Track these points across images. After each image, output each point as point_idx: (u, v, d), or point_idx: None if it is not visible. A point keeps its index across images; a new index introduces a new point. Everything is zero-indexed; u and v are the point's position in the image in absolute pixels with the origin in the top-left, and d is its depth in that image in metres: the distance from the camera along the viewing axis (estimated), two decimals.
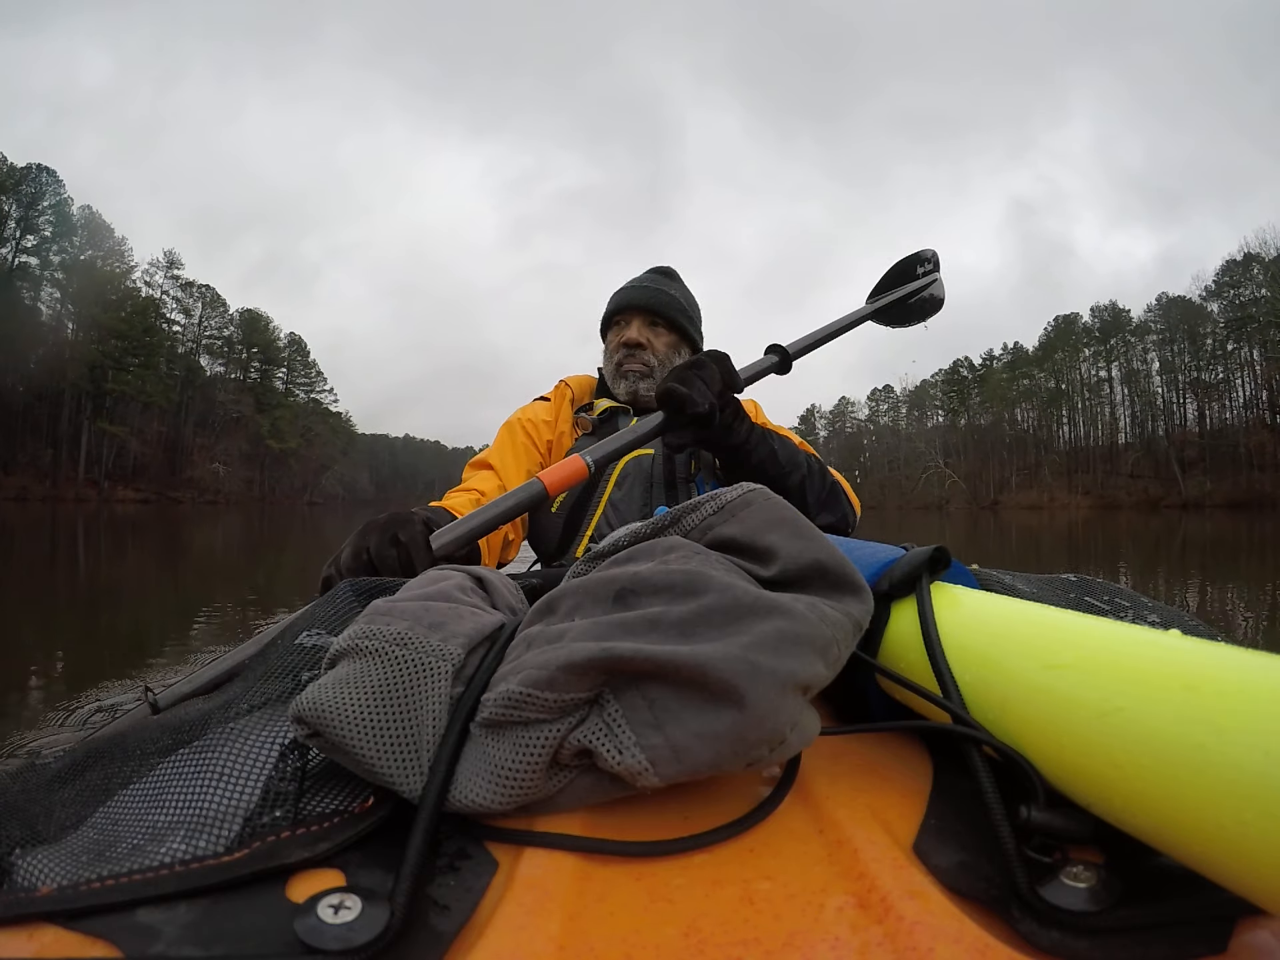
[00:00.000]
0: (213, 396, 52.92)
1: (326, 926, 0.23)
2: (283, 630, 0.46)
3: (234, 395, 54.20)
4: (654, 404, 1.23)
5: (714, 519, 0.39)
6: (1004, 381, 58.52)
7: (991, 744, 0.29)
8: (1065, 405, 56.73)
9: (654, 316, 1.25)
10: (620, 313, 1.26)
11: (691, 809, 0.32)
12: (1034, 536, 13.46)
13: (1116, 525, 18.58)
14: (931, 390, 64.17)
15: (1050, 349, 56.64)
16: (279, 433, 55.92)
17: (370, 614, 0.36)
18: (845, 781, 0.35)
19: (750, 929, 0.24)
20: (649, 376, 1.23)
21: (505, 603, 0.44)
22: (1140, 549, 9.76)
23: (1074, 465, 54.62)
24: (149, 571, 6.97)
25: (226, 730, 0.34)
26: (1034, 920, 0.24)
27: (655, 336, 1.25)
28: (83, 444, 44.30)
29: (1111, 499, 48.75)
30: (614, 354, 1.26)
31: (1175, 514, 30.14)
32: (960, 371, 62.47)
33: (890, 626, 0.40)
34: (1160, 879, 0.25)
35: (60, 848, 0.28)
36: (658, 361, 1.23)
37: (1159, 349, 51.84)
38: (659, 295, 1.25)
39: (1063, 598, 0.53)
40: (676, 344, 1.26)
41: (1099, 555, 8.64)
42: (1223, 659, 0.24)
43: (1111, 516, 28.07)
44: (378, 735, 0.30)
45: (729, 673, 0.28)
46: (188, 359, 52.62)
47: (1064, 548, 10.07)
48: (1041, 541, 11.85)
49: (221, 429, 53.42)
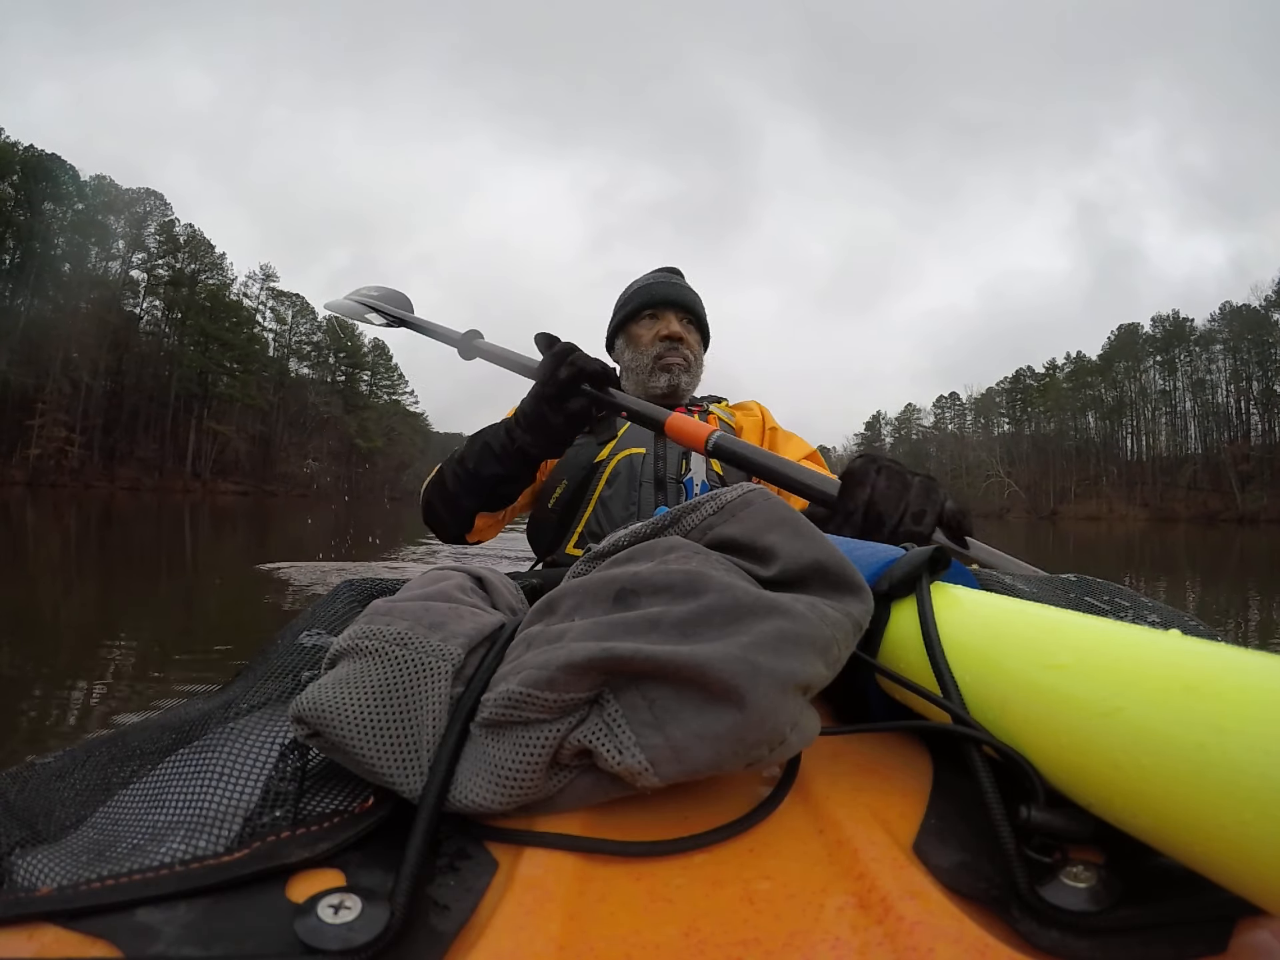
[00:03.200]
0: (304, 398, 56.55)
1: (326, 926, 0.23)
2: (283, 630, 0.46)
3: (325, 397, 58.96)
4: (683, 400, 1.24)
5: (714, 519, 0.39)
6: (1066, 391, 58.62)
7: (991, 744, 0.29)
8: (1126, 416, 56.80)
9: (687, 314, 1.26)
10: (653, 306, 1.26)
11: (691, 809, 0.32)
12: (1089, 548, 13.63)
13: (1173, 538, 18.71)
14: (997, 398, 64.55)
15: (1111, 359, 56.75)
16: (366, 432, 60.39)
17: (370, 614, 0.36)
18: (845, 781, 0.35)
19: (750, 929, 0.24)
20: (688, 370, 1.24)
21: (505, 603, 0.44)
22: (1195, 563, 9.86)
23: (1133, 477, 54.68)
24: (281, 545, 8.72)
25: (226, 730, 0.34)
26: (1034, 920, 0.24)
27: (688, 333, 1.26)
28: (190, 441, 49.50)
29: (1169, 512, 48.74)
30: (649, 347, 1.24)
31: (1231, 528, 30.44)
32: (1023, 380, 62.62)
33: (890, 626, 0.40)
34: (1160, 879, 0.25)
35: (60, 847, 0.28)
36: (694, 356, 1.25)
37: (1223, 358, 51.52)
38: (688, 293, 1.28)
39: (1063, 598, 0.53)
40: (700, 341, 1.28)
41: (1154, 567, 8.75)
42: (1223, 659, 0.24)
43: (1168, 529, 28.37)
44: (378, 735, 0.30)
45: (729, 673, 0.28)
46: (280, 363, 57.26)
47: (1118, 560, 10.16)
48: (1095, 552, 12.00)
49: (313, 428, 58.63)
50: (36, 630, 3.08)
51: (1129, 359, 56.17)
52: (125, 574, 5.44)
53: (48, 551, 6.85)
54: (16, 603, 3.78)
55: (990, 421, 65.63)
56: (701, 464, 1.17)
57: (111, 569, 5.72)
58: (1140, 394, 56.36)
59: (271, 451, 55.19)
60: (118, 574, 5.43)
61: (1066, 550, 12.50)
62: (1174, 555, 11.59)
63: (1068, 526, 31.42)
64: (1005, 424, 64.75)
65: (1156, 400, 55.60)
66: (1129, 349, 56.10)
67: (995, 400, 65.13)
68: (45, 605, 3.81)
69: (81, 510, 15.50)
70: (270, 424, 55.63)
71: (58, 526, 10.55)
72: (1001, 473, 60.28)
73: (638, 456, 1.16)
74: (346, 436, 60.19)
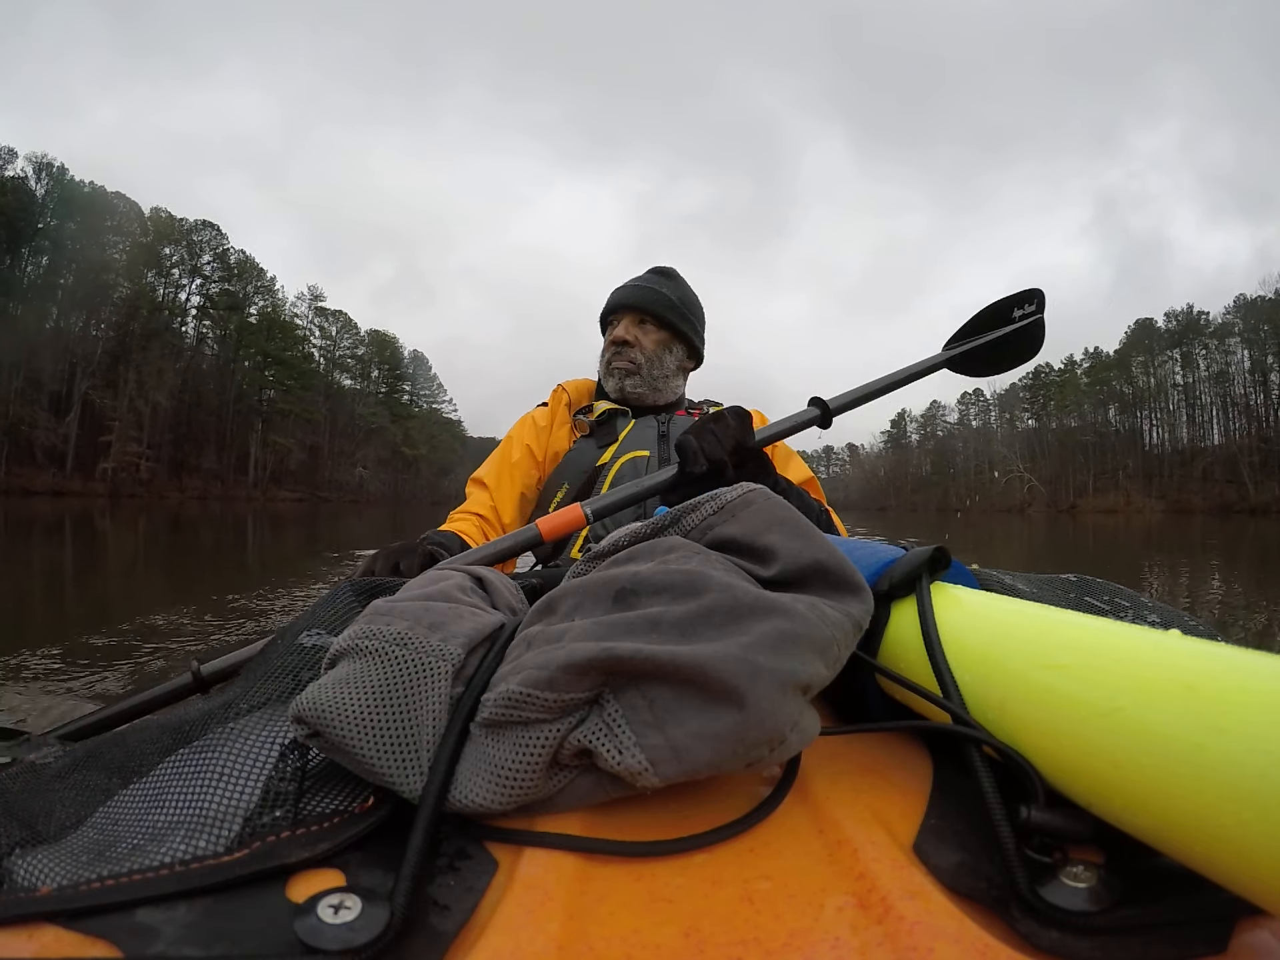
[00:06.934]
0: (351, 409, 62.87)
1: (326, 926, 0.23)
2: (283, 630, 0.46)
3: (373, 408, 63.22)
4: (645, 402, 1.26)
5: (714, 519, 0.39)
6: (1085, 387, 58.84)
7: (991, 744, 0.29)
8: (1141, 410, 56.97)
9: (642, 315, 1.27)
10: (613, 313, 1.30)
11: (691, 809, 0.32)
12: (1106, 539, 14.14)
13: (1187, 529, 19.14)
14: (1021, 393, 64.81)
15: (1126, 354, 56.99)
16: (410, 440, 64.26)
17: (370, 614, 0.36)
18: (845, 781, 0.35)
19: (750, 929, 0.24)
20: (635, 374, 1.26)
21: (505, 603, 0.44)
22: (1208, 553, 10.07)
23: (1150, 469, 54.73)
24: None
25: (226, 730, 0.34)
26: (1034, 920, 0.24)
27: (644, 334, 1.27)
28: (251, 453, 54.50)
29: (1185, 503, 48.88)
30: (605, 352, 1.29)
31: (1245, 519, 30.84)
32: (1043, 376, 62.99)
33: (890, 626, 0.40)
34: (1160, 879, 0.25)
35: (60, 848, 0.28)
36: (644, 359, 1.26)
37: (1240, 349, 51.51)
38: (647, 294, 1.28)
39: (1063, 598, 0.53)
40: (666, 341, 1.28)
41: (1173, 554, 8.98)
42: (1223, 659, 0.24)
43: (1182, 521, 28.70)
44: (378, 735, 0.30)
45: (729, 673, 0.28)
46: (325, 376, 61.60)
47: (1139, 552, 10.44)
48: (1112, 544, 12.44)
49: (362, 437, 63.41)
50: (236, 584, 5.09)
51: (1144, 354, 56.29)
52: (279, 559, 8.06)
53: (210, 548, 9.69)
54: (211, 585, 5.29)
55: (1014, 417, 65.77)
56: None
57: (267, 560, 8.08)
58: (1157, 388, 56.45)
59: (321, 460, 59.65)
60: (276, 560, 7.82)
61: (1086, 543, 12.80)
62: (1189, 545, 11.83)
63: (1086, 520, 31.90)
64: (1029, 419, 64.97)
65: (1173, 393, 55.71)
66: (1144, 344, 56.21)
67: (1019, 395, 65.23)
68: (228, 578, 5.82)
69: (168, 517, 18.85)
70: (320, 434, 60.13)
71: (202, 532, 13.52)
72: (1020, 468, 60.42)
73: (641, 460, 1.16)
74: (393, 444, 64.84)
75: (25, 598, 4.63)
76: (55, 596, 4.88)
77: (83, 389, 44.70)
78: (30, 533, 11.20)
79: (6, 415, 40.33)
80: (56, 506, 23.00)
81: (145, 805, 0.30)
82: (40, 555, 7.89)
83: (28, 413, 41.49)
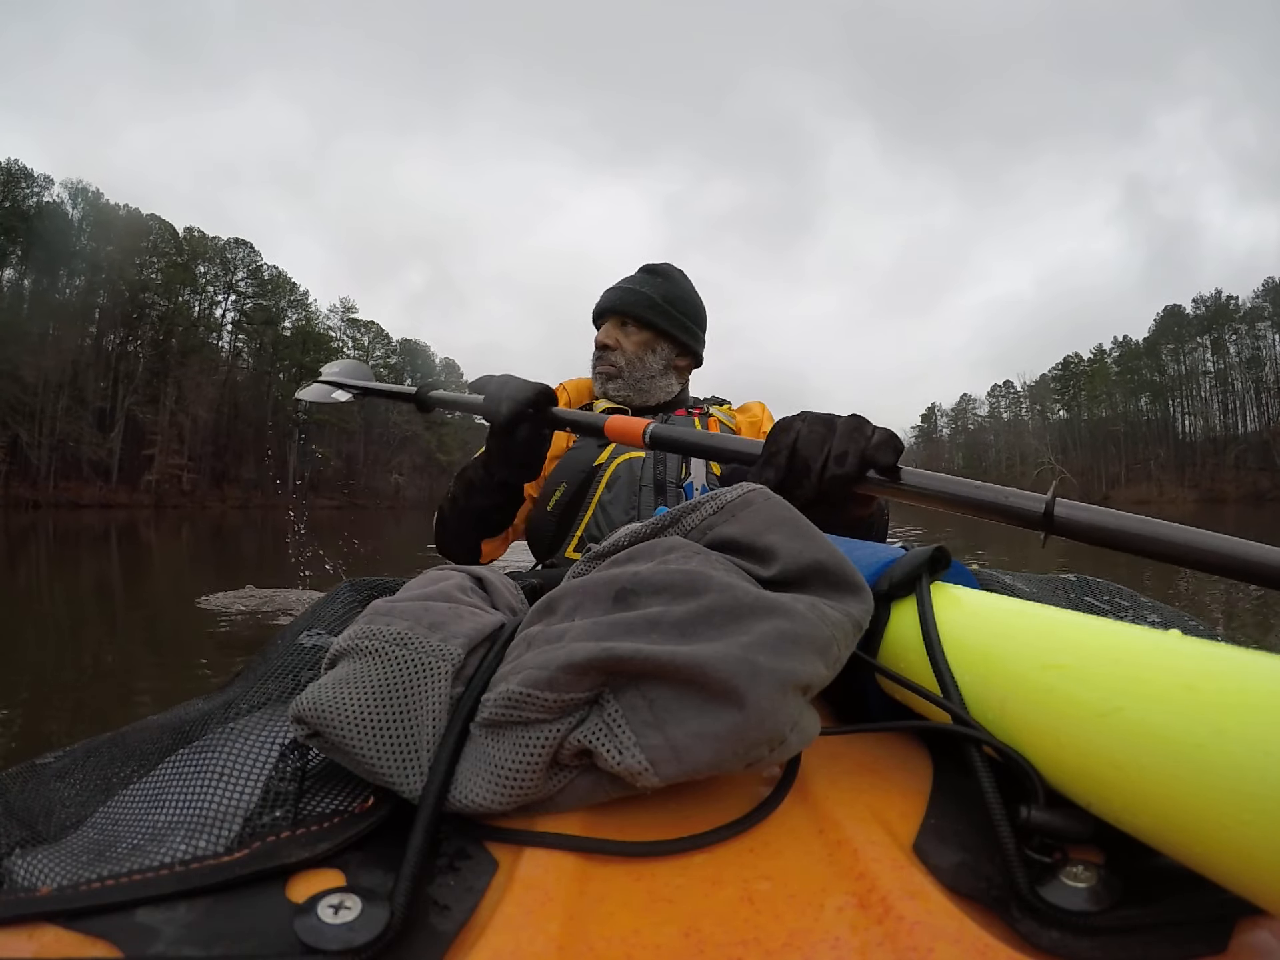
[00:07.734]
0: (386, 417, 62.14)
1: (326, 926, 0.23)
2: (283, 630, 0.46)
3: (407, 417, 63.77)
4: (632, 404, 1.26)
5: (714, 519, 0.39)
6: (1115, 377, 58.54)
7: (991, 744, 0.29)
8: (1172, 398, 56.53)
9: (624, 317, 1.27)
10: (600, 318, 1.31)
11: (691, 809, 0.32)
12: None
13: (1220, 519, 18.98)
14: (1051, 384, 64.30)
15: (1155, 342, 56.53)
16: (444, 446, 65.37)
17: (370, 614, 0.36)
18: (845, 781, 0.35)
19: (750, 929, 0.24)
20: (616, 378, 1.26)
21: (505, 603, 0.44)
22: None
23: (1182, 459, 54.34)
24: None
25: (226, 730, 0.34)
26: (1034, 920, 0.24)
27: (625, 337, 1.27)
28: (289, 462, 56.44)
29: (1218, 492, 48.39)
30: (592, 357, 1.30)
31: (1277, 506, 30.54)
32: (1071, 367, 62.59)
33: (890, 626, 0.40)
34: (1160, 879, 0.25)
35: (60, 848, 0.28)
36: (625, 361, 1.26)
37: (1271, 333, 51.07)
38: (628, 295, 1.28)
39: (1063, 598, 0.53)
40: (650, 341, 1.27)
41: None
42: (1223, 659, 0.24)
43: (1216, 510, 28.34)
44: (377, 735, 0.30)
45: (729, 673, 0.28)
46: None
47: None
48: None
49: (397, 445, 64.61)
50: None
51: (1174, 341, 55.75)
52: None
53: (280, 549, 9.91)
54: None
55: (1044, 408, 65.26)
56: (701, 467, 1.17)
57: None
58: (1187, 375, 55.93)
59: (356, 468, 61.28)
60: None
61: None
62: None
63: None
64: (1059, 410, 64.42)
65: (1203, 380, 55.19)
66: (1173, 330, 55.64)
67: (1050, 386, 64.66)
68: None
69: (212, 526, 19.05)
70: (356, 443, 61.74)
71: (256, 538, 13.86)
72: (1051, 460, 59.93)
73: (637, 460, 1.16)
74: (427, 451, 65.89)
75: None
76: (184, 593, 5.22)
77: (126, 404, 46.95)
78: (121, 540, 11.76)
79: (54, 431, 42.57)
80: (104, 518, 23.53)
81: (145, 805, 0.30)
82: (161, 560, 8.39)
83: (74, 429, 44.01)
